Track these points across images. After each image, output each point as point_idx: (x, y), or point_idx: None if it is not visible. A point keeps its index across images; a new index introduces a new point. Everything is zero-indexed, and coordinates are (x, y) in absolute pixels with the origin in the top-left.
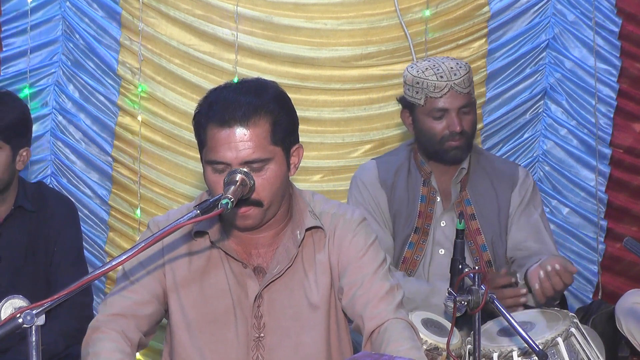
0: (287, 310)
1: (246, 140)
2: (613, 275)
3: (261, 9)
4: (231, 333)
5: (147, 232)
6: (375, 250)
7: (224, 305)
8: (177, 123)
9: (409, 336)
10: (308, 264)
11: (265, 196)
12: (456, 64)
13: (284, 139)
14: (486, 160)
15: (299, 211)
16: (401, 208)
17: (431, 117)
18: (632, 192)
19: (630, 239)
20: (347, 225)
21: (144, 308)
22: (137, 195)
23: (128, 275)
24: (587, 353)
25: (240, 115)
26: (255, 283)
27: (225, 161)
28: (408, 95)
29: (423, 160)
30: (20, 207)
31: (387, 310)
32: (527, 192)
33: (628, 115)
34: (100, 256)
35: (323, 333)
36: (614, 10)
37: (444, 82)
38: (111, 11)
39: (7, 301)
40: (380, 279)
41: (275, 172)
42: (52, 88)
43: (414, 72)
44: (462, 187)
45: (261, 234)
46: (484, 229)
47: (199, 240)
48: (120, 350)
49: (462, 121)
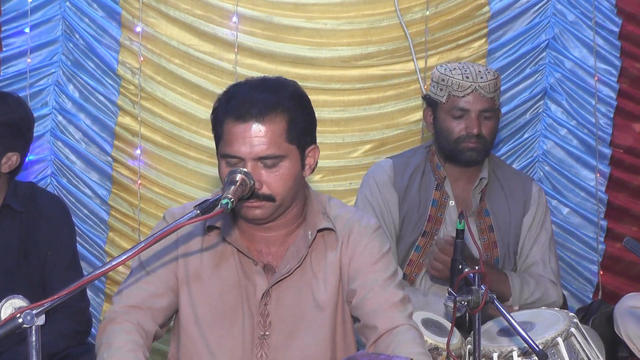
0: (294, 310)
1: (261, 136)
2: (613, 275)
3: (261, 9)
4: (238, 329)
5: (162, 223)
6: (388, 259)
7: (233, 300)
8: (177, 123)
9: (420, 343)
10: (317, 265)
11: (278, 192)
12: (485, 69)
13: (299, 138)
14: (501, 173)
15: (312, 213)
16: (412, 211)
17: (451, 116)
18: (632, 192)
19: (630, 239)
20: (363, 231)
21: (160, 300)
22: (137, 195)
23: (144, 265)
24: (587, 353)
25: (257, 111)
26: (264, 281)
27: (239, 155)
28: (432, 93)
29: (439, 164)
30: (8, 206)
31: (401, 316)
32: (538, 212)
33: (628, 115)
34: (100, 256)
35: (328, 334)
36: (614, 10)
37: (469, 83)
38: (111, 11)
39: (7, 301)
40: (394, 287)
41: (289, 170)
42: (52, 88)
43: (442, 70)
44: (482, 197)
45: (272, 232)
46: (500, 243)
47: (212, 235)
48: (133, 341)
49: (482, 125)
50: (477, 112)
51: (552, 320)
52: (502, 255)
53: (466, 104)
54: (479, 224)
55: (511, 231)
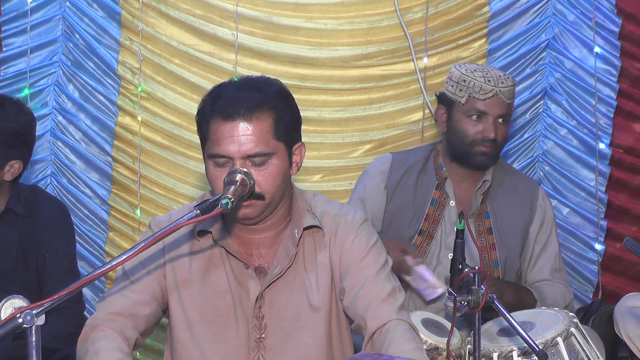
0: (289, 311)
1: (249, 134)
2: (613, 275)
3: (261, 9)
4: (232, 333)
5: (148, 232)
6: (377, 251)
7: (225, 305)
8: (177, 123)
9: (411, 337)
10: (309, 265)
11: (268, 190)
12: (504, 74)
13: (286, 135)
14: (508, 176)
15: (298, 211)
16: (405, 207)
17: (468, 117)
18: (632, 192)
19: (630, 239)
20: (349, 226)
21: (143, 308)
22: (137, 195)
23: (128, 274)
24: (587, 353)
25: (244, 110)
26: (256, 284)
27: (228, 155)
28: (449, 92)
29: (442, 164)
30: (11, 210)
31: (390, 311)
32: (546, 216)
33: (628, 115)
34: (100, 256)
35: (324, 334)
36: (614, 10)
37: (491, 87)
38: (111, 11)
39: (7, 301)
40: (383, 280)
41: (277, 167)
42: (52, 88)
43: (462, 70)
44: (483, 199)
45: (262, 234)
46: (499, 246)
47: (201, 240)
48: (119, 349)
49: (498, 129)
50: (495, 116)
51: (552, 320)
52: (502, 258)
53: (486, 107)
54: (478, 226)
55: (515, 234)
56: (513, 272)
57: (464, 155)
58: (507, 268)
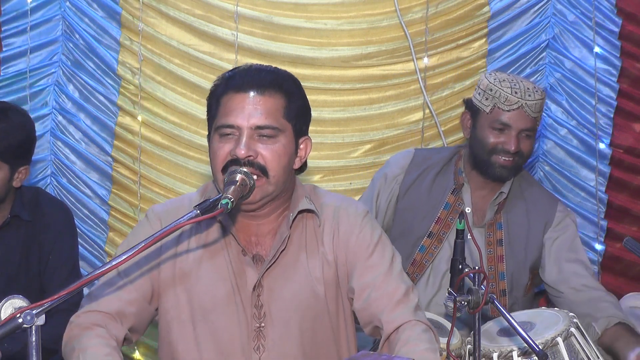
0: (288, 300)
1: (260, 107)
2: (613, 275)
3: (261, 9)
4: (232, 322)
5: (146, 223)
6: (382, 246)
7: (224, 293)
8: (177, 123)
9: (426, 339)
10: (311, 255)
11: (272, 167)
12: (533, 87)
13: (296, 120)
14: (528, 189)
15: (296, 199)
16: (417, 205)
17: (491, 128)
18: (632, 192)
19: (630, 239)
20: (352, 220)
21: (130, 306)
22: (137, 195)
23: (118, 270)
24: (587, 353)
25: (257, 84)
26: (254, 271)
27: (236, 124)
28: (476, 99)
29: (462, 169)
30: (16, 216)
31: (405, 313)
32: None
33: (628, 115)
34: (100, 256)
35: (326, 324)
36: (614, 10)
37: (516, 98)
38: (111, 11)
39: (7, 301)
40: (395, 279)
41: (284, 147)
42: (52, 88)
43: (491, 79)
44: (498, 210)
45: (262, 220)
46: (507, 258)
47: (203, 233)
48: (107, 344)
49: (520, 143)
50: (519, 129)
51: (552, 320)
52: (509, 271)
53: (509, 120)
54: (488, 236)
55: (528, 246)
56: (521, 287)
57: (484, 164)
58: (514, 282)
